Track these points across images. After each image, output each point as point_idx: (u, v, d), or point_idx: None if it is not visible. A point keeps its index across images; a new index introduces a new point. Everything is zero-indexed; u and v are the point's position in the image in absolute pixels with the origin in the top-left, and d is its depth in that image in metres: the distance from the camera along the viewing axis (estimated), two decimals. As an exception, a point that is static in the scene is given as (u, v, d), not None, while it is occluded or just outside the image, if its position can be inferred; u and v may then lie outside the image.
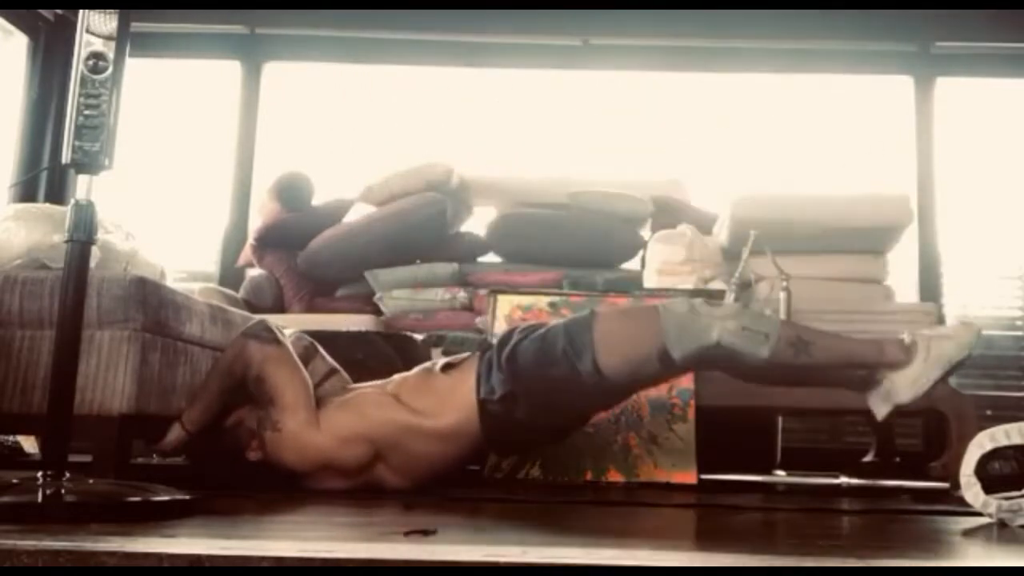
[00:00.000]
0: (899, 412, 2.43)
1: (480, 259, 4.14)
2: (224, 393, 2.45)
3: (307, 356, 2.62)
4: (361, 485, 2.43)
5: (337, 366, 2.72)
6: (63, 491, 1.69)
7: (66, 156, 1.75)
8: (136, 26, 1.83)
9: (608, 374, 2.36)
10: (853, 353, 2.42)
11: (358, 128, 4.77)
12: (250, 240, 4.22)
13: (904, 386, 2.36)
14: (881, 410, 2.40)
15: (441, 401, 2.43)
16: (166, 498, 1.77)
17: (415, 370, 2.57)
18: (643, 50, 4.70)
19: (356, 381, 2.67)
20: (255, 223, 4.25)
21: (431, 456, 2.44)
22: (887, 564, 1.42)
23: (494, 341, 2.52)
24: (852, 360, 2.42)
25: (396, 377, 2.55)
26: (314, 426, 2.38)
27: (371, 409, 2.44)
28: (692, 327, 2.33)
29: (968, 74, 4.70)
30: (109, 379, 2.28)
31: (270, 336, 2.45)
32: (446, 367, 2.51)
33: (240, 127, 4.76)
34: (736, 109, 4.73)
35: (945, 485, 2.80)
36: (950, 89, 4.67)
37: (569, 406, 2.49)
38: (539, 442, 2.66)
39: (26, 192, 4.36)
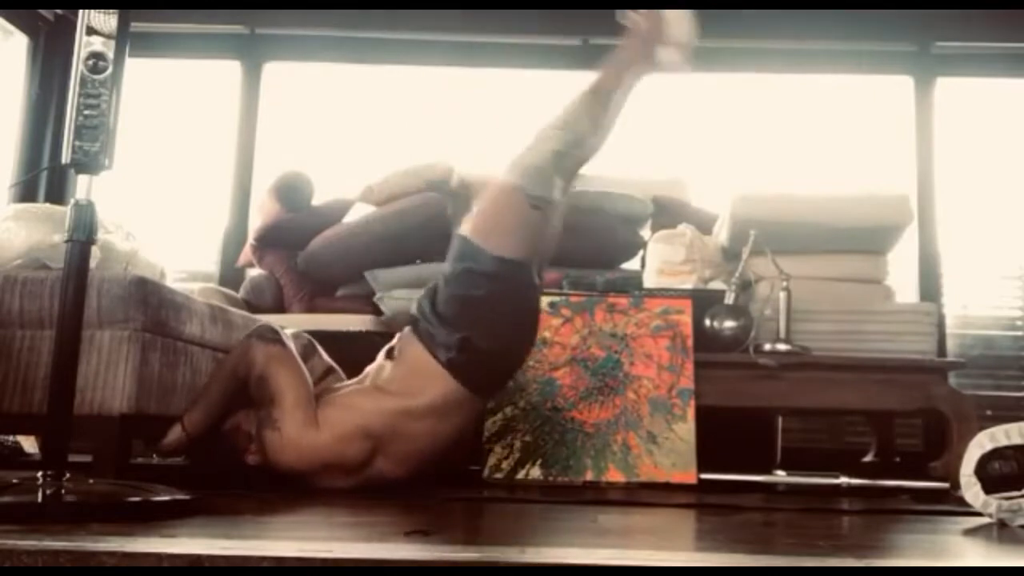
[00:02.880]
0: (899, 412, 2.43)
1: (480, 259, 4.12)
2: (227, 396, 2.46)
3: (305, 354, 2.63)
4: (362, 482, 2.43)
5: (334, 365, 2.73)
6: (63, 491, 1.69)
7: (66, 156, 1.75)
8: (136, 26, 1.83)
9: (510, 256, 2.44)
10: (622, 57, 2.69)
11: (358, 128, 4.77)
12: (250, 240, 4.22)
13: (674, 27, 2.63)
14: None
15: (415, 379, 2.44)
16: (166, 498, 1.77)
17: (376, 364, 2.57)
18: (643, 50, 4.70)
19: (354, 381, 2.68)
20: (255, 223, 4.25)
21: (427, 435, 2.45)
22: (887, 564, 1.42)
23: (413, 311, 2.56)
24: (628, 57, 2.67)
25: (369, 370, 2.57)
26: (313, 426, 2.38)
27: (362, 402, 2.46)
28: (530, 159, 2.51)
29: (968, 74, 4.70)
30: (109, 379, 2.28)
31: (274, 337, 2.47)
32: (389, 353, 2.53)
33: (240, 127, 4.76)
34: (736, 109, 4.73)
35: (945, 485, 2.80)
36: (950, 89, 4.67)
37: (512, 311, 2.51)
38: (518, 362, 2.67)
39: (26, 192, 4.36)
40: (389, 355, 2.53)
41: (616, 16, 2.61)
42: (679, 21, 2.69)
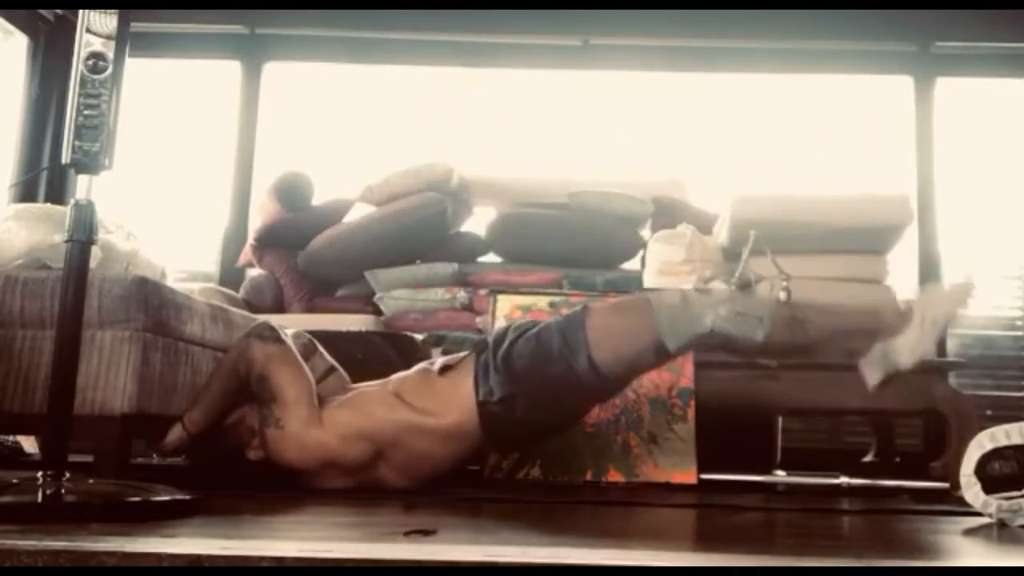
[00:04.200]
0: (899, 412, 2.43)
1: (480, 259, 4.13)
2: (227, 394, 2.46)
3: (306, 354, 2.63)
4: (362, 484, 2.43)
5: (336, 364, 2.73)
6: (63, 491, 1.69)
7: (66, 156, 1.75)
8: (136, 26, 1.83)
9: (604, 370, 2.40)
10: (850, 325, 2.44)
11: (358, 128, 4.77)
12: (250, 240, 4.22)
13: (904, 351, 2.37)
14: (874, 376, 2.41)
15: (442, 401, 2.44)
16: (166, 498, 1.77)
17: (414, 369, 2.58)
18: (643, 50, 4.70)
19: (356, 381, 2.68)
20: (255, 223, 4.25)
21: (432, 455, 2.45)
22: (887, 564, 1.42)
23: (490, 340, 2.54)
24: (850, 330, 2.43)
25: (395, 376, 2.56)
26: (316, 424, 2.38)
27: (374, 407, 2.45)
28: (685, 317, 2.37)
29: (968, 74, 4.70)
30: (110, 379, 2.28)
31: (273, 335, 2.47)
32: (444, 369, 2.52)
33: (240, 127, 4.75)
34: (736, 109, 4.73)
35: (945, 485, 2.80)
36: (950, 89, 4.67)
37: (567, 402, 2.51)
38: (539, 438, 2.69)
39: (26, 192, 4.36)
40: (443, 372, 2.50)
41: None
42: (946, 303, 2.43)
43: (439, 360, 2.58)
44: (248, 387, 2.44)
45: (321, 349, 2.73)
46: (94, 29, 1.77)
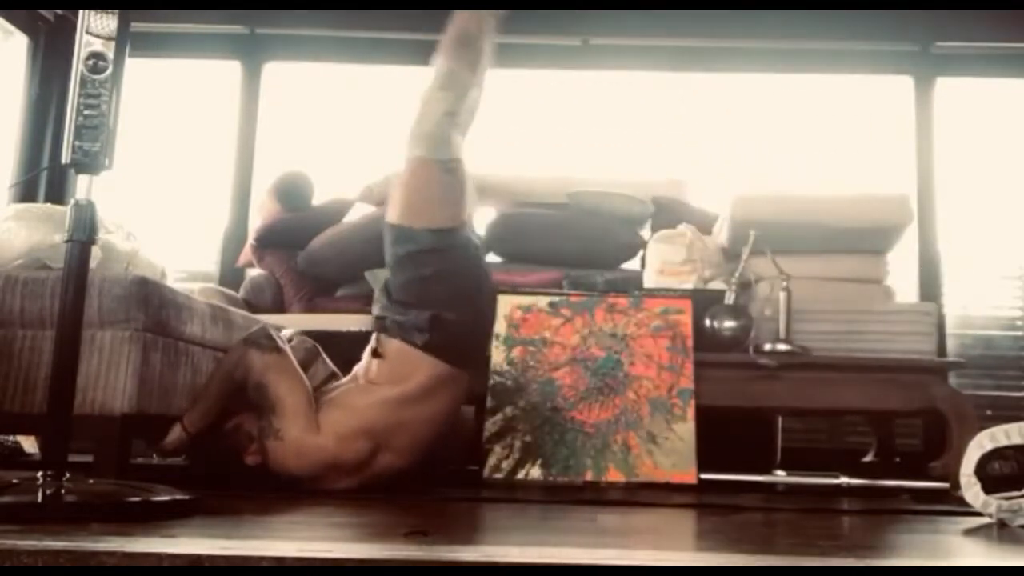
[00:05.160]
0: (899, 412, 2.43)
1: (480, 259, 4.13)
2: (224, 397, 2.47)
3: (309, 360, 2.63)
4: (369, 479, 2.45)
5: (337, 371, 2.73)
6: (63, 491, 1.69)
7: (66, 156, 1.75)
8: (136, 26, 1.83)
9: (443, 224, 2.50)
10: None
11: (358, 128, 4.76)
12: (250, 240, 4.22)
13: None
14: None
15: (402, 369, 2.48)
16: (166, 498, 1.77)
17: (363, 362, 2.60)
18: (643, 50, 4.70)
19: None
20: (255, 223, 4.25)
21: (424, 420, 2.49)
22: (887, 564, 1.42)
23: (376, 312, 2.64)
24: None
25: (357, 368, 2.60)
26: (314, 431, 2.39)
27: (358, 399, 2.48)
28: (441, 142, 2.54)
29: (968, 74, 4.70)
30: (110, 379, 2.28)
31: (270, 344, 2.46)
32: (374, 353, 2.56)
33: (240, 127, 4.75)
34: (736, 109, 4.73)
35: (945, 485, 2.80)
36: (950, 89, 4.67)
37: (466, 272, 2.58)
38: (487, 321, 2.78)
39: (26, 192, 4.36)
40: (375, 354, 2.55)
41: None
42: None
43: (367, 350, 2.60)
44: (245, 392, 2.44)
45: (324, 356, 2.74)
46: (94, 30, 1.77)
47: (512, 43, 4.75)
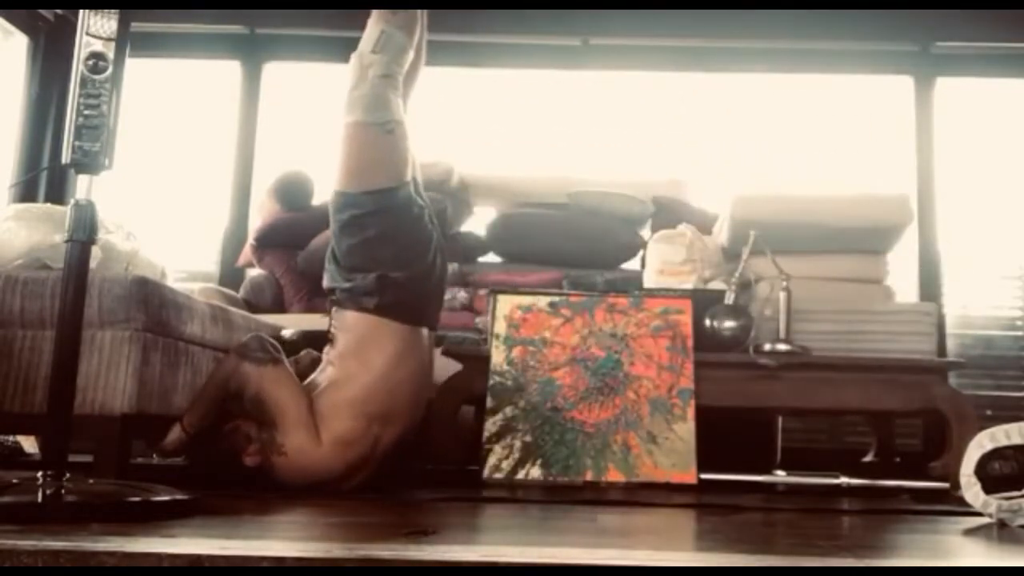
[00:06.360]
0: (899, 412, 2.42)
1: (480, 259, 4.13)
2: (220, 403, 2.46)
3: (311, 368, 2.61)
4: (375, 466, 2.48)
5: None
6: (63, 491, 1.69)
7: (66, 156, 1.75)
8: (136, 26, 1.83)
9: (383, 184, 2.51)
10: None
11: (358, 128, 4.75)
12: (250, 240, 4.22)
13: None
14: None
15: (362, 341, 2.49)
16: (166, 498, 1.77)
17: (325, 351, 2.59)
18: (643, 50, 4.70)
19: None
20: (255, 223, 4.25)
21: (405, 379, 2.50)
22: (887, 564, 1.42)
23: (332, 286, 2.59)
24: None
25: (326, 354, 2.58)
26: (315, 441, 2.39)
27: (340, 394, 2.45)
28: (378, 103, 2.57)
29: (968, 74, 4.70)
30: (110, 379, 2.28)
31: (265, 356, 2.44)
32: (328, 335, 2.56)
33: (240, 127, 4.75)
34: (736, 109, 4.73)
35: (945, 485, 2.80)
36: (950, 89, 4.67)
37: (408, 229, 2.57)
38: (437, 274, 2.70)
39: (26, 192, 4.36)
40: (331, 340, 2.55)
41: None
42: None
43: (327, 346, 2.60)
44: (242, 401, 2.43)
45: None
46: (94, 31, 1.77)
47: (512, 43, 4.77)
